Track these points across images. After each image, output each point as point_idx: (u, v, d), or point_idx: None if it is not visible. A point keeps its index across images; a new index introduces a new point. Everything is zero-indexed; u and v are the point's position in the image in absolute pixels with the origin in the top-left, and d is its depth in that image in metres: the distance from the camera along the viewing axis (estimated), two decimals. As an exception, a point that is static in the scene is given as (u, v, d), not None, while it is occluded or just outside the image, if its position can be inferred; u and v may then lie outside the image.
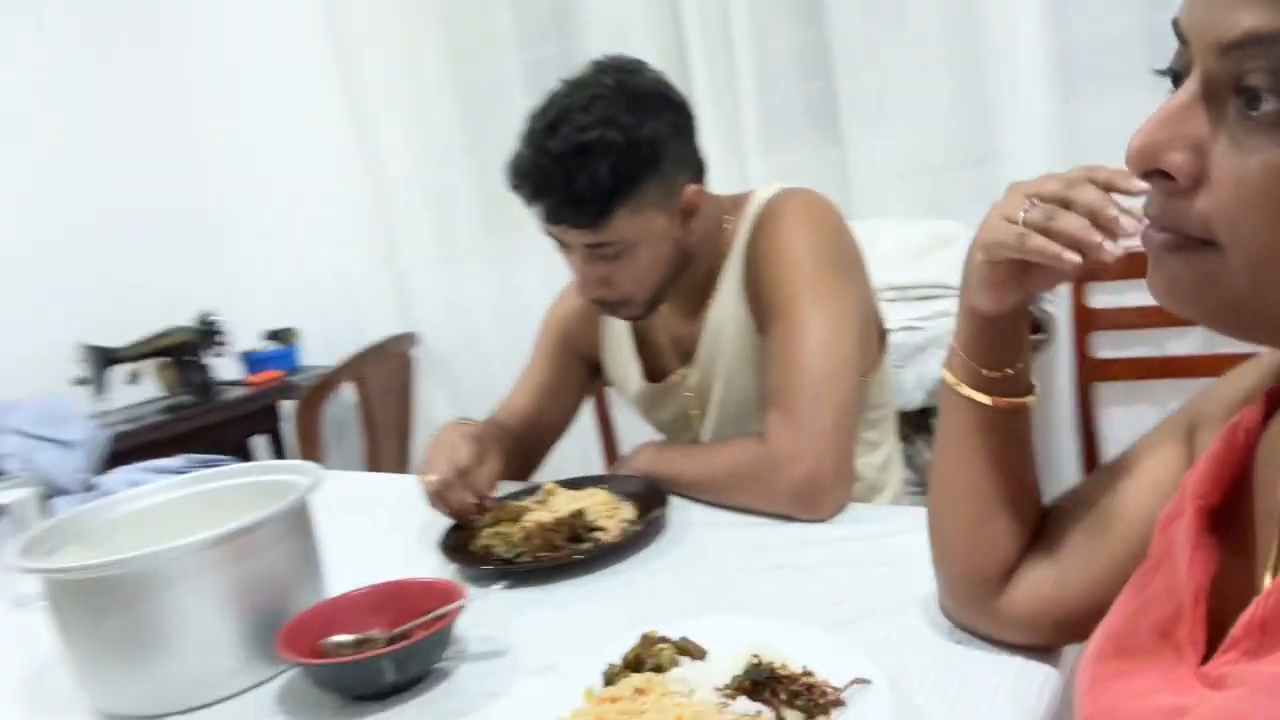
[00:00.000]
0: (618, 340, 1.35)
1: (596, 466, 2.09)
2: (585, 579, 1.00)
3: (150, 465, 1.47)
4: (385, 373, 2.35)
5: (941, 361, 0.73)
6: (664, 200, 1.10)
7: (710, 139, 1.98)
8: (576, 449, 1.67)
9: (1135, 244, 0.53)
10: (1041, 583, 0.69)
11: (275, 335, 2.84)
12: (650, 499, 1.13)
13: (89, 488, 1.85)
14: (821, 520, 1.03)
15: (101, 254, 2.81)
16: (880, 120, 1.81)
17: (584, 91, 1.07)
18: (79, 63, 2.81)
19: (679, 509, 1.14)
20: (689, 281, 1.20)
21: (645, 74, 1.11)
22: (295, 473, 1.01)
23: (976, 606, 0.73)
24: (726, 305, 1.20)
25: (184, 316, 2.67)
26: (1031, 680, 0.70)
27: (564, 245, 1.14)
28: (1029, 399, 0.71)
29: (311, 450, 2.11)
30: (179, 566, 0.84)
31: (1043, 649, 0.72)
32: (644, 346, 1.33)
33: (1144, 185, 0.48)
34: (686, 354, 1.27)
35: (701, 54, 1.95)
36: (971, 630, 0.75)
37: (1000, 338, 0.68)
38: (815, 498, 1.03)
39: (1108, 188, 0.57)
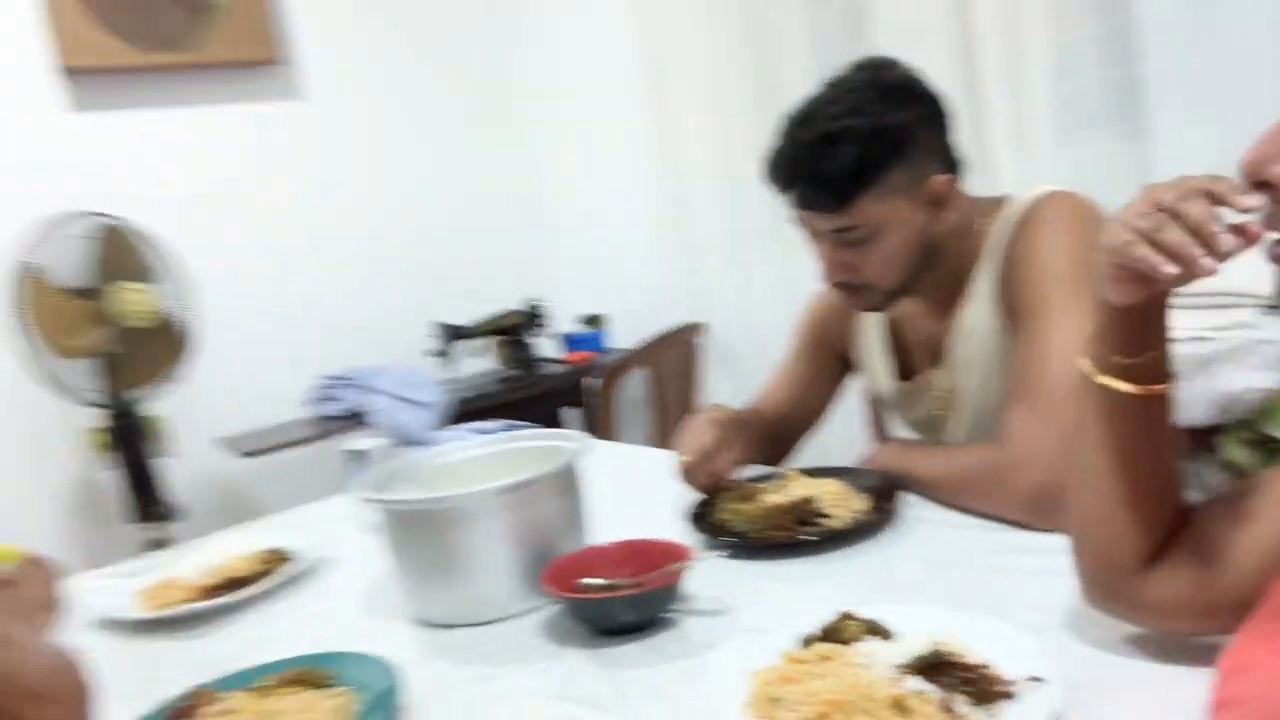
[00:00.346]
0: (870, 337, 1.40)
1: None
2: (807, 559, 1.09)
3: (474, 426, 1.76)
4: (674, 358, 2.56)
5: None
6: (911, 188, 1.12)
7: (998, 132, 1.94)
8: (845, 438, 1.74)
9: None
10: (1183, 572, 0.70)
11: (589, 320, 3.18)
12: (885, 493, 1.19)
13: (433, 442, 2.22)
14: (1055, 530, 1.03)
15: (454, 244, 3.31)
16: (1193, 110, 1.67)
17: (837, 87, 1.14)
18: (439, 72, 3.32)
19: (915, 507, 1.19)
20: (940, 280, 1.22)
21: (897, 69, 1.15)
22: (570, 440, 1.20)
23: (1113, 592, 0.75)
24: (979, 307, 1.21)
25: (517, 301, 3.09)
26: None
27: (813, 233, 1.19)
28: (1164, 386, 0.70)
29: (606, 425, 2.36)
30: (477, 507, 1.05)
31: (1182, 636, 0.73)
32: (896, 344, 1.37)
33: (1250, 201, 0.49)
34: (936, 354, 1.30)
35: (994, 45, 1.91)
36: (1112, 615, 0.77)
37: (1133, 327, 0.69)
38: (1051, 505, 1.02)
39: (1218, 201, 0.58)
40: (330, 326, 3.06)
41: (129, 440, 2.49)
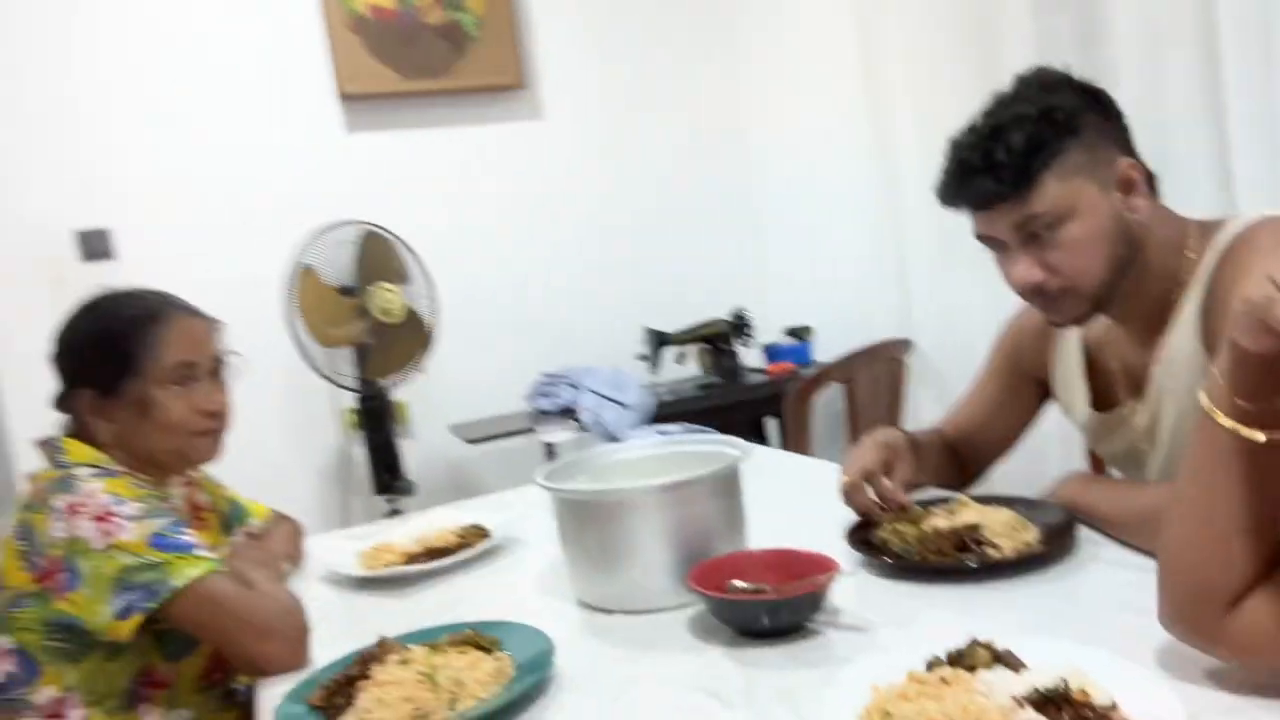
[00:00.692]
0: (1068, 361, 1.33)
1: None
2: (965, 587, 1.07)
3: (657, 428, 1.85)
4: (874, 374, 2.52)
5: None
6: (1094, 169, 1.06)
7: (1239, 144, 1.77)
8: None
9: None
10: (1265, 608, 0.72)
11: (794, 332, 3.19)
12: (1062, 528, 1.14)
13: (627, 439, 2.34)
14: None
15: (670, 255, 3.44)
16: None
17: (996, 97, 1.13)
18: (665, 91, 3.46)
19: (1094, 544, 1.13)
20: (1144, 304, 1.14)
21: (1057, 70, 1.13)
22: (734, 447, 1.25)
23: (1199, 624, 0.76)
24: (1183, 336, 1.13)
25: (723, 310, 3.16)
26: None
27: (998, 244, 1.12)
28: None
29: (800, 438, 2.38)
30: (638, 501, 1.13)
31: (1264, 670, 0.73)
32: (1094, 371, 1.30)
33: None
34: (1137, 385, 1.22)
35: (1238, 53, 1.74)
36: (1192, 645, 0.78)
37: (1261, 374, 0.68)
38: None
39: None
40: (552, 328, 3.28)
41: (376, 421, 2.81)
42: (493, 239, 3.26)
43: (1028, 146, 1.05)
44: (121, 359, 1.21)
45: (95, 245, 2.85)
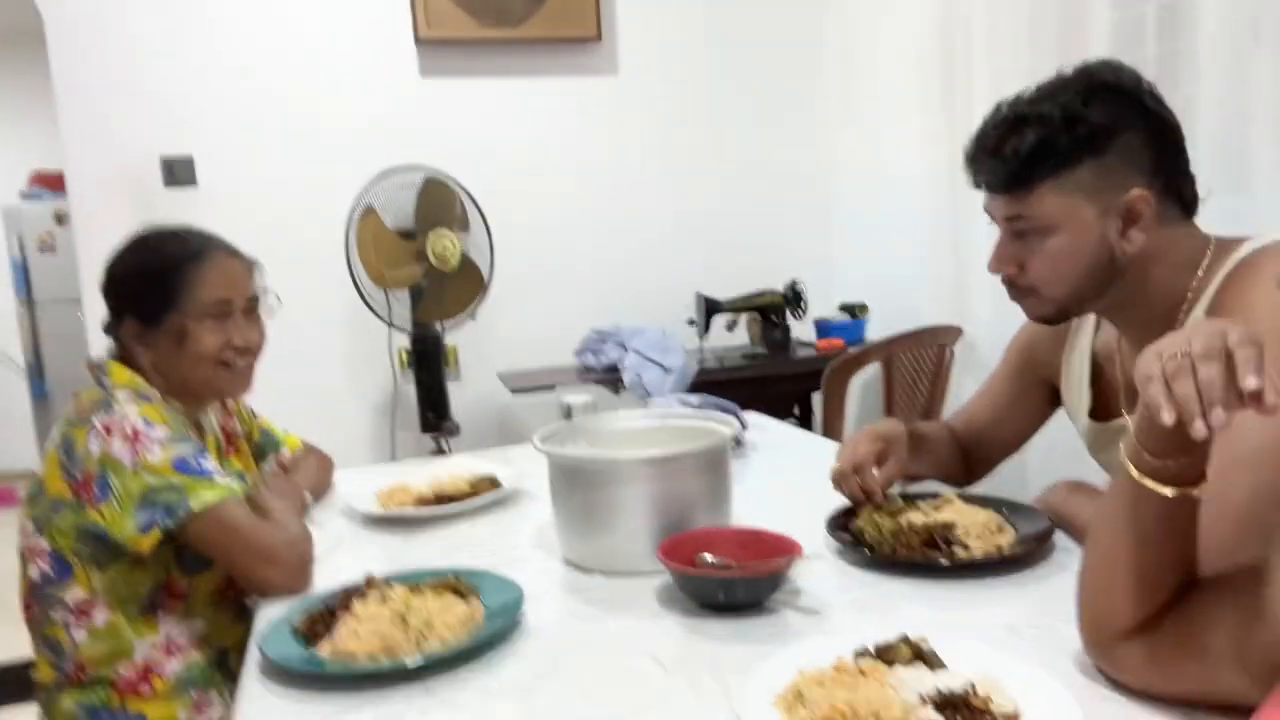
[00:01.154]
0: (1077, 368, 1.32)
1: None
2: (930, 582, 1.09)
3: (680, 396, 1.88)
4: (916, 359, 2.50)
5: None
6: (1100, 192, 1.04)
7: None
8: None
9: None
10: (1148, 645, 0.77)
11: (848, 309, 3.16)
12: (1040, 536, 1.15)
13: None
14: None
15: (729, 219, 3.44)
16: None
17: (1047, 82, 1.08)
18: (740, 54, 3.43)
19: (1069, 553, 1.14)
20: (1150, 318, 1.10)
21: (1121, 72, 1.07)
22: (726, 425, 1.28)
23: (1097, 650, 0.83)
24: None
25: (781, 281, 3.16)
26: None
27: (996, 223, 1.13)
28: (1189, 490, 0.73)
29: (836, 415, 2.38)
30: (623, 471, 1.18)
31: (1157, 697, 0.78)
32: (1100, 380, 1.29)
33: (1252, 383, 0.58)
34: (1135, 398, 1.20)
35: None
36: (1101, 669, 0.83)
37: (1166, 435, 0.71)
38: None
39: (1231, 369, 0.63)
40: (608, 285, 3.33)
41: (427, 363, 2.92)
42: (556, 192, 3.31)
43: (1037, 151, 1.03)
44: (163, 293, 1.30)
45: (179, 172, 3.00)
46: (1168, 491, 0.74)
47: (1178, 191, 1.08)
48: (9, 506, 4.76)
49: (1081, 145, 1.02)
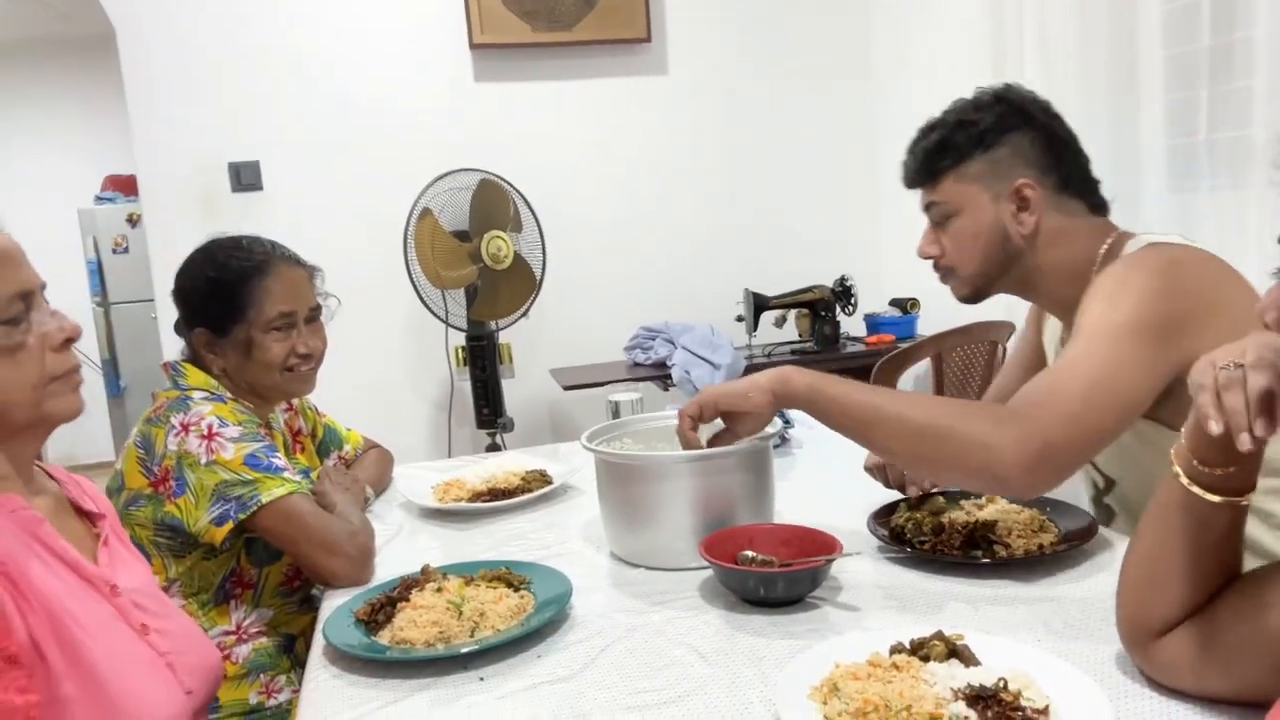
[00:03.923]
0: (1051, 341, 1.42)
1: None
2: (971, 580, 1.11)
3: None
4: (967, 355, 2.48)
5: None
6: (993, 180, 1.22)
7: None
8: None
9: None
10: (1180, 645, 0.79)
11: (899, 303, 3.15)
12: (1081, 533, 1.16)
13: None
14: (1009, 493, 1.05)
15: (781, 217, 3.45)
16: None
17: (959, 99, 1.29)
18: (788, 54, 3.43)
19: (1110, 551, 1.15)
20: (1059, 302, 1.26)
21: (1016, 90, 1.26)
22: (770, 424, 1.31)
23: (1134, 647, 0.85)
24: None
25: (829, 277, 3.16)
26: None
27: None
28: (1236, 499, 0.75)
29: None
30: (667, 470, 1.21)
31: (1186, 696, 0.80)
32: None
33: None
34: None
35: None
36: (1135, 663, 0.86)
37: (1215, 444, 0.71)
38: (1039, 461, 1.00)
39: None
40: (659, 283, 3.37)
41: (482, 360, 3.00)
42: (608, 192, 3.35)
43: (938, 149, 1.25)
44: (230, 306, 1.38)
45: (246, 176, 3.12)
46: (1215, 499, 0.76)
47: (1077, 191, 1.24)
48: (87, 497, 4.98)
49: (974, 142, 1.23)
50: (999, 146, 1.22)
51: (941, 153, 1.25)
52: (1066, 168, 1.23)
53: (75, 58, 5.47)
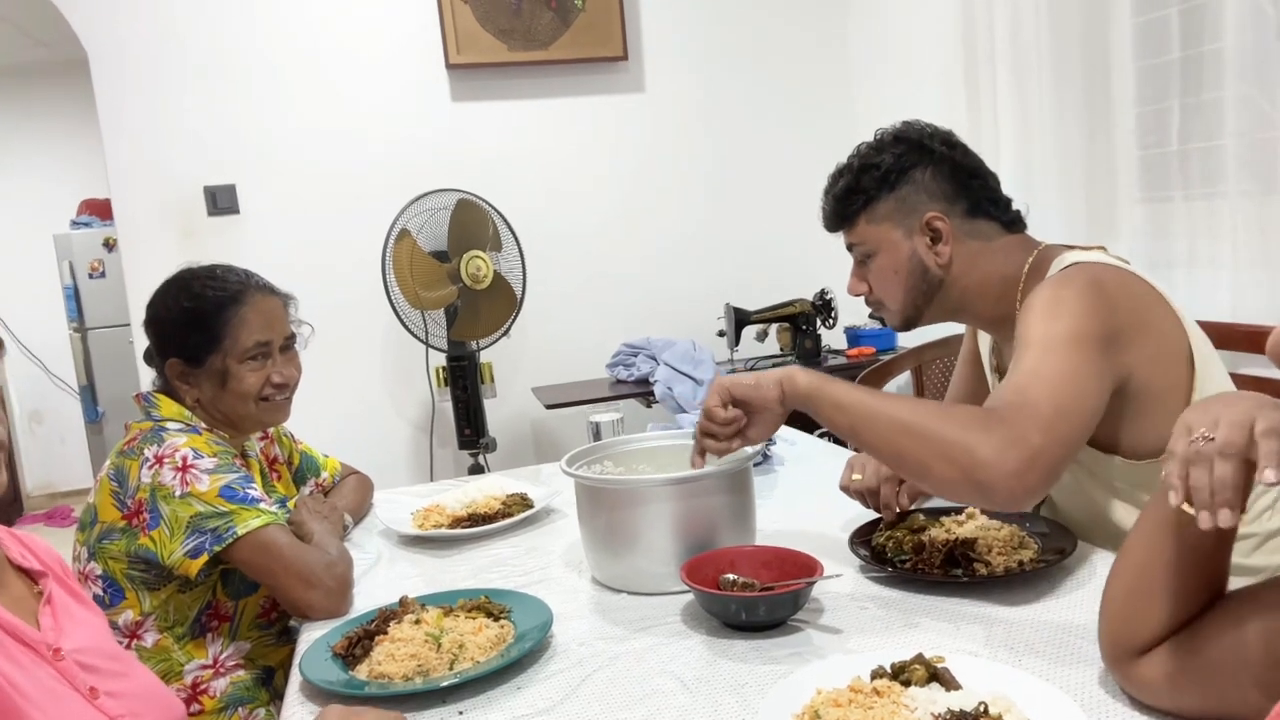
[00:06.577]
0: (985, 353, 1.45)
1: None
2: (950, 599, 1.10)
3: (708, 414, 1.90)
4: (947, 367, 2.49)
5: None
6: (902, 219, 1.26)
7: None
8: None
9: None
10: (1163, 663, 0.79)
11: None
12: (1060, 550, 1.16)
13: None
14: (991, 498, 1.00)
15: (759, 232, 3.46)
16: None
17: (861, 144, 1.33)
18: (764, 71, 3.45)
19: (1089, 567, 1.15)
20: (993, 319, 1.29)
21: (914, 126, 1.30)
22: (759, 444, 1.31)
23: (1115, 666, 0.85)
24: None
25: (809, 290, 3.17)
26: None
27: None
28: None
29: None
30: (646, 493, 1.21)
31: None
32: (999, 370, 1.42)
33: (1273, 478, 0.60)
34: None
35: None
36: (1115, 679, 0.85)
37: None
38: (1028, 467, 0.98)
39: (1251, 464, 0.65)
40: (639, 299, 3.37)
41: (463, 380, 2.98)
42: (587, 209, 3.35)
43: (846, 193, 1.30)
44: (204, 337, 1.37)
45: (222, 200, 3.10)
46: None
47: (987, 214, 1.27)
48: (67, 525, 4.92)
49: (879, 183, 1.27)
50: (903, 184, 1.26)
51: (851, 197, 1.29)
52: (973, 194, 1.27)
53: (50, 83, 5.43)
